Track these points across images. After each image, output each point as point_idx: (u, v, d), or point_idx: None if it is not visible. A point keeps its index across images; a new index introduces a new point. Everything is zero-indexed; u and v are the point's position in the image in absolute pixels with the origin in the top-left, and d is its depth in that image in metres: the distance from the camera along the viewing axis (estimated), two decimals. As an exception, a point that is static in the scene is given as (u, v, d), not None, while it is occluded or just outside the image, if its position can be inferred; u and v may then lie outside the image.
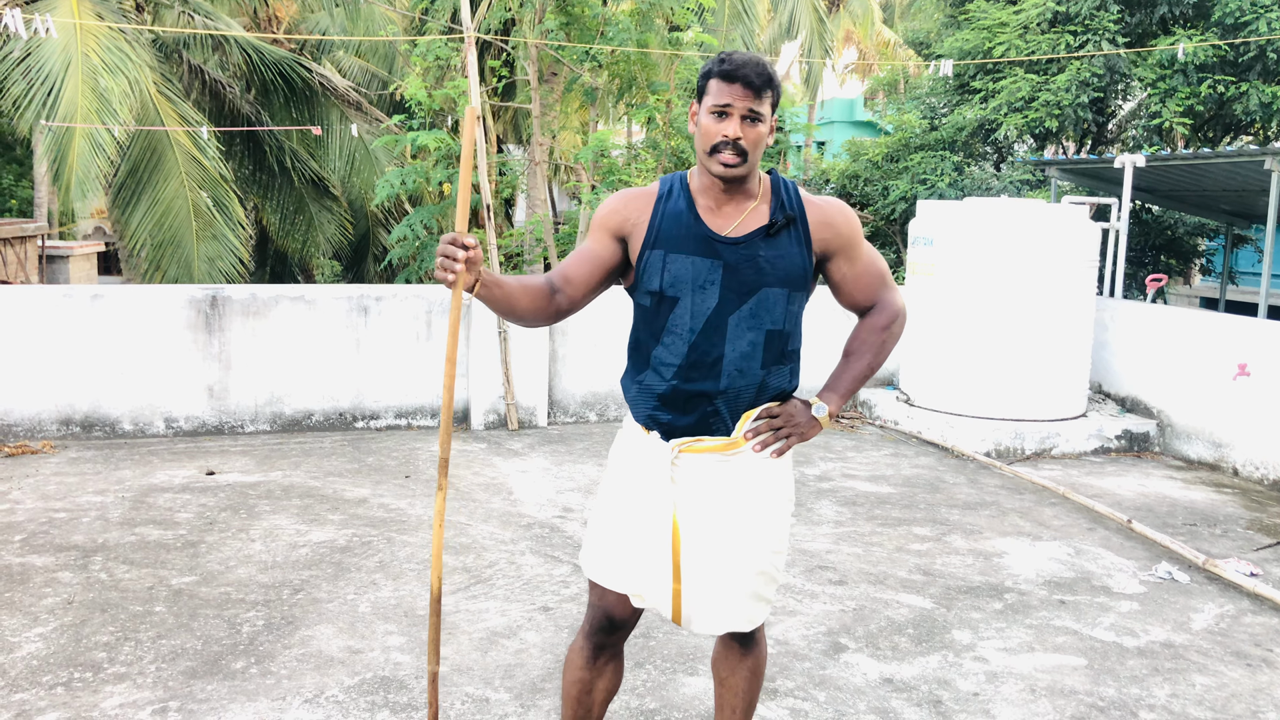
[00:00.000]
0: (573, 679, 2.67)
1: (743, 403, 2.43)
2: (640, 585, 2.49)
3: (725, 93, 2.29)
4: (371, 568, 4.60)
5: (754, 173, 2.40)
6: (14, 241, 16.58)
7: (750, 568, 2.47)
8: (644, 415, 2.48)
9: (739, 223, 2.40)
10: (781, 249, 2.40)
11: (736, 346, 2.39)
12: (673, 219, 2.41)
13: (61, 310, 6.75)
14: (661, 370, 2.42)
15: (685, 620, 2.49)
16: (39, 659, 3.62)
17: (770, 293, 2.39)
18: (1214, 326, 7.11)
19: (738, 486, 2.44)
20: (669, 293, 2.39)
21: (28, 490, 5.65)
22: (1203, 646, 4.07)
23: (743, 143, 2.30)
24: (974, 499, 6.06)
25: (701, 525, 2.43)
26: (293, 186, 13.79)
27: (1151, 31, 10.81)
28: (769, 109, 2.32)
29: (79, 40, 10.32)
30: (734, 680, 2.65)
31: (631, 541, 2.48)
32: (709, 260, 2.37)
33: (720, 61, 2.31)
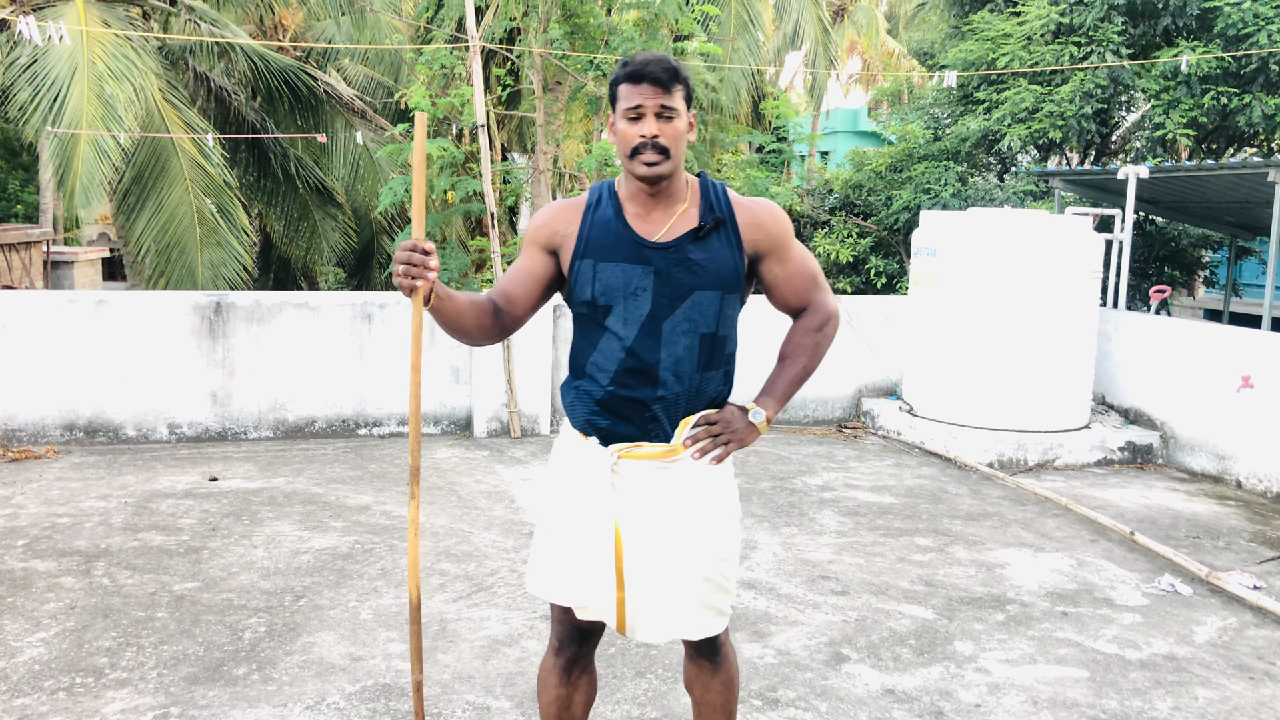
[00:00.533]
0: (550, 698, 2.66)
1: (680, 408, 2.41)
2: (584, 596, 2.47)
3: (635, 94, 2.28)
4: (373, 575, 4.60)
5: (679, 174, 2.39)
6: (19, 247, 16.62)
7: (695, 574, 2.43)
8: (581, 420, 2.46)
9: (668, 227, 2.38)
10: (712, 251, 2.38)
11: (672, 351, 2.37)
12: (601, 227, 2.40)
13: (66, 315, 6.76)
14: (598, 376, 2.41)
15: (630, 629, 2.46)
16: (41, 664, 3.62)
17: (703, 295, 2.37)
18: (1218, 338, 7.10)
19: (679, 493, 2.42)
20: (601, 301, 2.38)
21: (31, 495, 5.66)
22: (1205, 659, 4.06)
23: (661, 140, 2.29)
24: (976, 510, 6.05)
25: (643, 532, 2.41)
26: (297, 193, 13.81)
27: (1155, 43, 10.83)
28: (682, 103, 2.31)
29: (85, 47, 10.36)
30: (709, 697, 2.62)
31: (574, 553, 2.46)
32: (640, 266, 2.36)
33: (624, 65, 2.31)
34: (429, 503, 5.76)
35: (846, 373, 8.49)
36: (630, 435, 2.41)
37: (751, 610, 4.34)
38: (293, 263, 15.26)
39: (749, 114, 17.21)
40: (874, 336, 8.53)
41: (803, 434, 8.05)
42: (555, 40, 9.48)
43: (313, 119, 13.65)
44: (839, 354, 8.44)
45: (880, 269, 10.70)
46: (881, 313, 8.58)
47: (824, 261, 11.10)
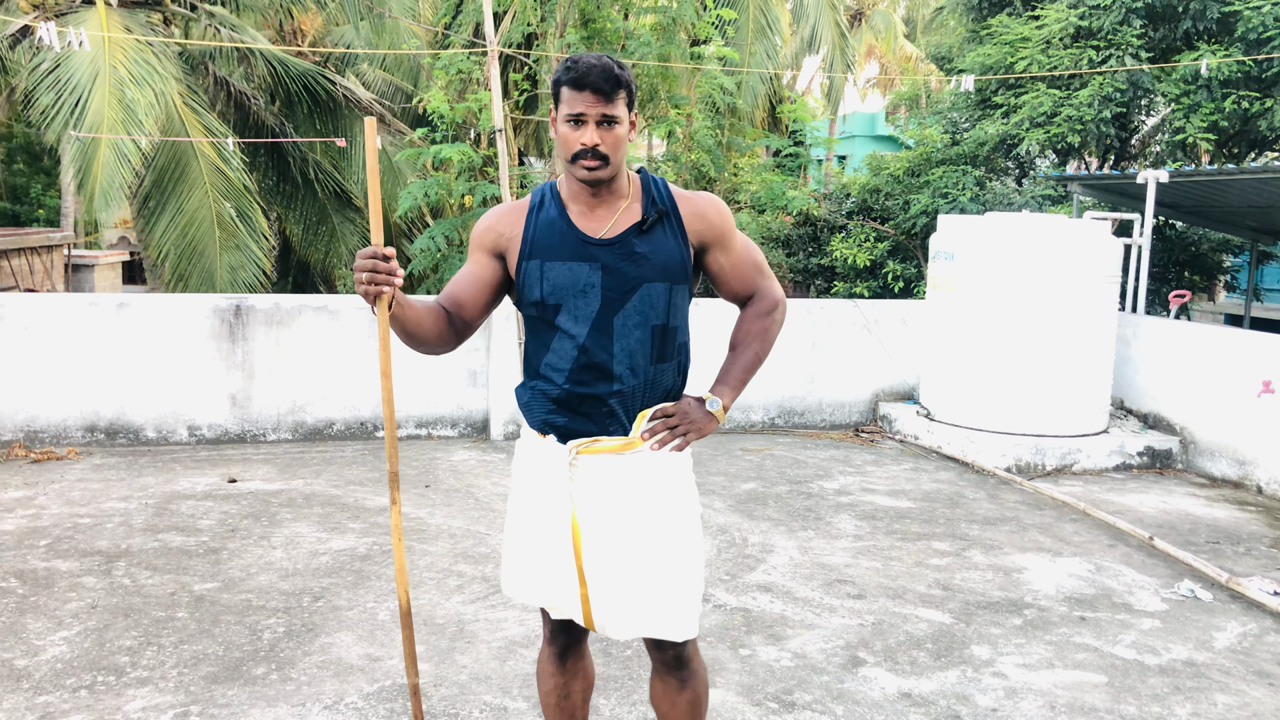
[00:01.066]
0: (548, 688, 2.69)
1: (637, 401, 2.42)
2: (551, 595, 2.49)
3: (577, 101, 2.29)
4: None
5: (621, 173, 2.41)
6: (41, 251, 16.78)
7: (657, 568, 2.43)
8: (539, 420, 2.47)
9: (612, 223, 2.41)
10: (657, 243, 2.40)
11: (624, 345, 2.39)
12: (546, 228, 2.42)
13: (88, 318, 6.82)
14: (553, 376, 2.42)
15: (600, 627, 2.47)
16: (63, 662, 3.65)
17: (651, 288, 2.39)
18: (1238, 343, 7.06)
19: (637, 486, 2.43)
20: (550, 301, 2.39)
21: (53, 496, 5.71)
22: (1225, 665, 4.03)
23: (602, 148, 2.31)
24: (994, 514, 6.03)
25: (602, 526, 2.42)
26: (316, 198, 13.90)
27: (1175, 47, 10.77)
28: (624, 109, 2.33)
29: (107, 52, 10.46)
30: (674, 714, 2.59)
31: (536, 552, 2.49)
32: (586, 264, 2.38)
33: (568, 69, 2.31)
34: (446, 505, 5.78)
35: (863, 377, 8.48)
36: (588, 431, 2.42)
37: (768, 613, 4.34)
38: (311, 266, 15.35)
39: (766, 118, 17.22)
40: (891, 341, 8.51)
41: (819, 438, 8.04)
42: (572, 45, 9.51)
43: (331, 123, 13.73)
44: (856, 358, 8.44)
45: (898, 273, 10.68)
46: (899, 317, 8.56)
47: (842, 266, 11.08)
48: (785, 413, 8.31)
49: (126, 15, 11.78)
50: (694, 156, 10.77)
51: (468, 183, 9.31)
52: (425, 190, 9.39)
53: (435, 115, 9.41)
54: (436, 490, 6.09)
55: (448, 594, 4.43)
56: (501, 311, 7.44)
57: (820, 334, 8.34)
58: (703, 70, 10.62)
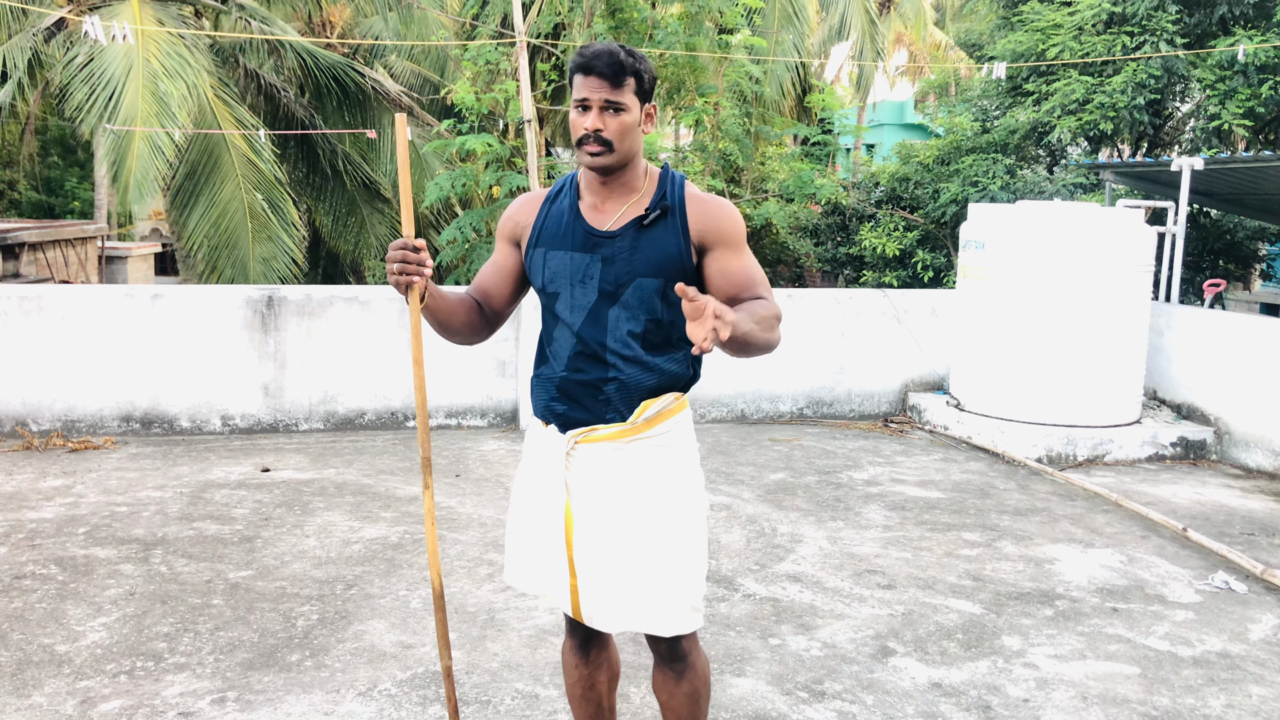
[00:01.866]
0: (574, 679, 2.70)
1: (636, 390, 2.41)
2: (542, 583, 2.50)
3: (583, 86, 2.31)
4: (423, 564, 4.66)
5: (633, 165, 2.40)
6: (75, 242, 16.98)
7: (654, 561, 2.40)
8: (542, 407, 2.51)
9: (618, 217, 2.41)
10: (655, 239, 2.39)
11: (617, 336, 2.39)
12: (555, 218, 2.46)
13: (123, 310, 6.91)
14: (554, 363, 2.46)
15: (588, 618, 2.46)
16: (103, 648, 3.72)
17: (644, 283, 2.38)
18: (1274, 332, 6.97)
19: (633, 475, 2.41)
20: (549, 289, 2.44)
21: (90, 485, 5.80)
22: (1260, 657, 4.00)
23: (605, 134, 2.30)
24: (1025, 505, 6.00)
25: (595, 517, 2.41)
26: (345, 189, 13.98)
27: (1211, 32, 10.62)
28: (632, 97, 2.31)
29: (140, 46, 10.57)
30: (673, 704, 2.58)
31: (531, 540, 2.51)
32: (587, 255, 2.40)
33: (578, 55, 2.33)
34: (476, 494, 5.82)
35: (893, 367, 8.45)
36: (586, 420, 2.43)
37: (797, 603, 4.35)
38: (341, 257, 15.45)
39: (794, 107, 17.13)
40: (921, 330, 8.47)
41: (848, 428, 8.02)
42: (600, 35, 9.51)
43: (360, 115, 13.81)
44: (885, 348, 8.40)
45: (927, 262, 10.61)
46: (929, 306, 8.52)
47: (870, 255, 11.03)
48: (814, 403, 8.29)
49: (159, 8, 11.89)
50: (722, 145, 10.74)
51: (495, 173, 9.34)
52: (453, 181, 9.43)
53: (463, 106, 9.45)
54: (467, 480, 6.13)
55: (478, 582, 4.47)
56: (530, 301, 7.46)
57: (849, 324, 8.31)
58: (730, 59, 10.58)
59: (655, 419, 2.43)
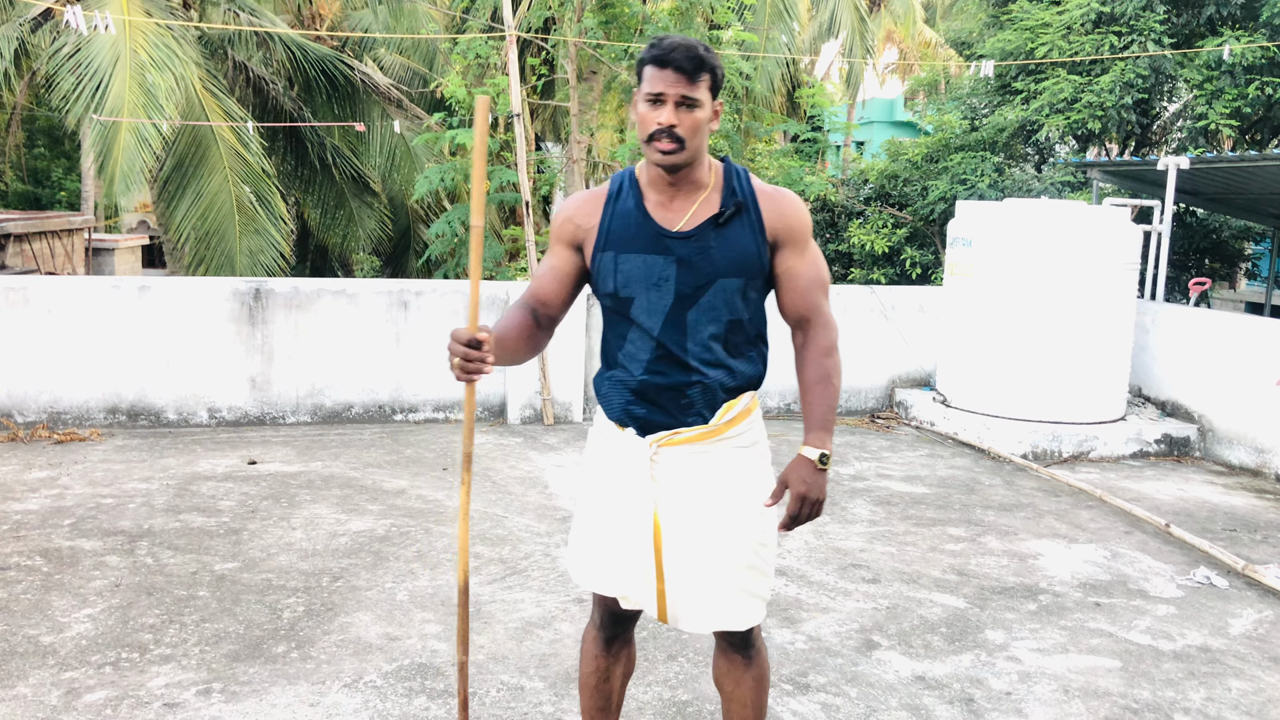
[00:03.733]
0: (591, 669, 2.67)
1: (716, 391, 2.38)
2: (625, 586, 2.46)
3: (658, 79, 2.23)
4: (409, 557, 4.67)
5: (700, 160, 2.35)
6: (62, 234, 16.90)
7: (735, 561, 2.42)
8: (618, 411, 2.44)
9: (689, 215, 2.35)
10: (733, 238, 2.34)
11: (698, 340, 2.35)
12: (622, 219, 2.37)
13: (110, 301, 6.89)
14: (631, 366, 2.40)
15: (673, 620, 2.45)
16: (88, 639, 3.71)
17: (726, 283, 2.34)
18: (1258, 331, 7.02)
19: (717, 477, 2.40)
20: (623, 293, 2.36)
21: (76, 476, 5.78)
22: (1240, 651, 4.04)
23: (679, 130, 2.24)
24: (1010, 500, 6.04)
25: (682, 520, 2.40)
26: (333, 182, 13.95)
27: (1198, 32, 10.67)
28: (706, 93, 2.26)
29: (127, 36, 10.52)
30: (739, 693, 2.57)
31: (613, 543, 2.46)
32: (661, 257, 2.33)
33: (652, 47, 2.25)
34: (463, 488, 5.82)
35: (880, 363, 8.48)
36: (667, 423, 2.39)
37: (783, 597, 4.37)
38: (329, 251, 15.44)
39: (784, 103, 17.16)
40: (908, 327, 8.50)
41: (836, 424, 8.04)
42: (590, 29, 9.51)
43: (349, 108, 13.78)
44: (872, 344, 8.43)
45: (915, 259, 10.64)
46: (916, 303, 8.55)
47: (859, 252, 11.05)
48: (801, 398, 8.30)
49: (146, 0, 11.82)
50: (711, 142, 10.75)
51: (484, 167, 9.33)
52: (442, 175, 9.42)
53: (453, 100, 9.43)
54: (454, 473, 6.13)
55: (465, 575, 4.47)
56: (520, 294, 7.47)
57: (837, 320, 8.32)
58: (721, 55, 10.59)
59: (735, 420, 2.41)
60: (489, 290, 7.55)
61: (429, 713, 3.27)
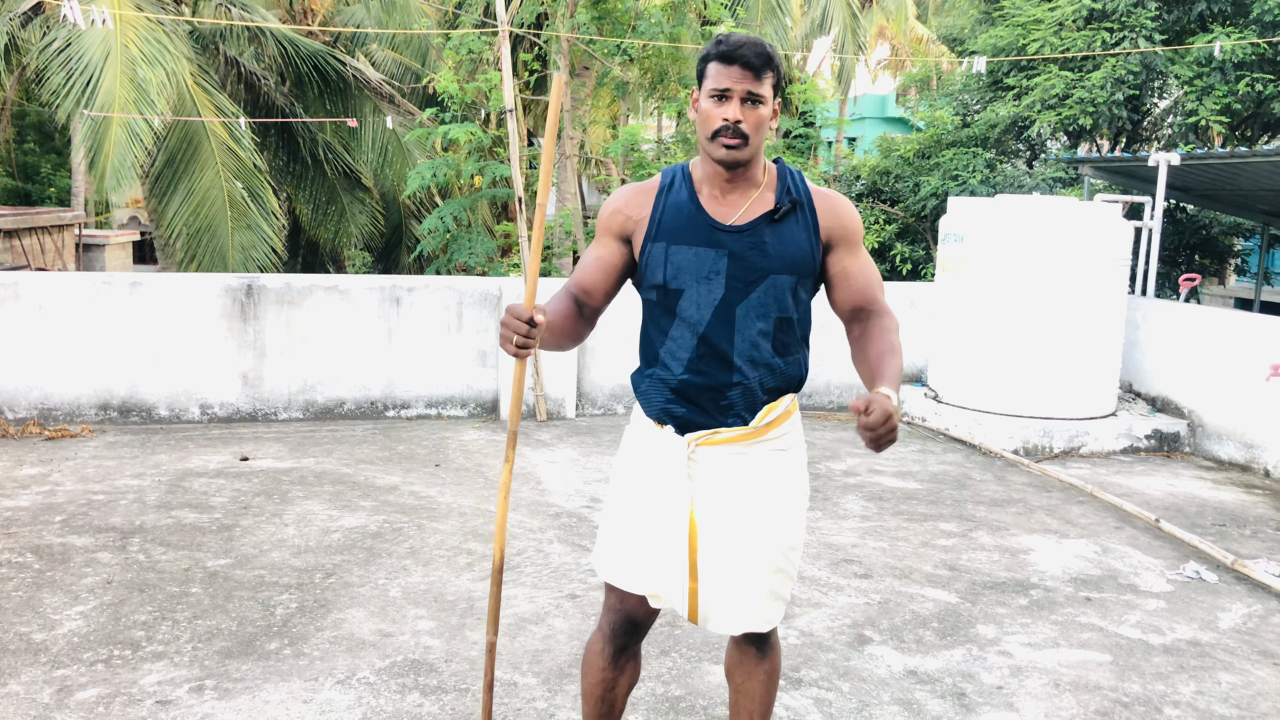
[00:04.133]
0: (596, 680, 2.64)
1: (757, 394, 2.37)
2: (657, 585, 2.44)
3: (724, 75, 2.23)
4: (402, 554, 4.67)
5: (758, 158, 2.35)
6: (52, 230, 16.84)
7: (768, 564, 2.41)
8: (657, 410, 2.42)
9: (743, 210, 2.34)
10: (788, 235, 2.34)
11: (746, 336, 2.34)
12: (674, 210, 2.36)
13: (101, 297, 6.87)
14: (672, 364, 2.38)
15: (702, 620, 2.43)
16: (80, 636, 3.71)
17: (778, 280, 2.34)
18: (1248, 327, 7.05)
19: (755, 479, 2.39)
20: (673, 285, 2.34)
21: (67, 473, 5.77)
22: (1230, 645, 4.06)
23: (743, 126, 2.24)
24: (1001, 496, 6.06)
25: (719, 521, 2.38)
26: (325, 178, 13.91)
27: (1189, 29, 10.71)
28: (770, 90, 2.26)
29: (119, 31, 10.47)
30: (750, 685, 2.57)
31: (647, 541, 2.43)
32: (713, 250, 2.32)
33: (718, 43, 2.25)
34: (456, 484, 5.83)
35: (872, 359, 8.48)
36: (706, 423, 2.37)
37: (775, 592, 4.38)
38: (321, 246, 15.38)
39: (776, 99, 17.14)
40: (900, 323, 8.51)
41: (827, 419, 8.06)
42: (583, 25, 9.50)
43: (341, 103, 13.73)
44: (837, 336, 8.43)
45: (906, 255, 10.67)
46: (908, 299, 8.57)
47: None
48: (793, 394, 8.32)
49: (137, -6, 11.77)
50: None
51: (477, 163, 9.33)
52: (434, 170, 9.41)
53: (445, 95, 9.42)
54: (446, 469, 6.13)
55: (458, 571, 4.48)
56: (513, 291, 7.46)
57: (829, 316, 8.32)
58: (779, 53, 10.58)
59: (775, 422, 2.40)
60: (481, 286, 7.55)
61: (422, 709, 3.28)
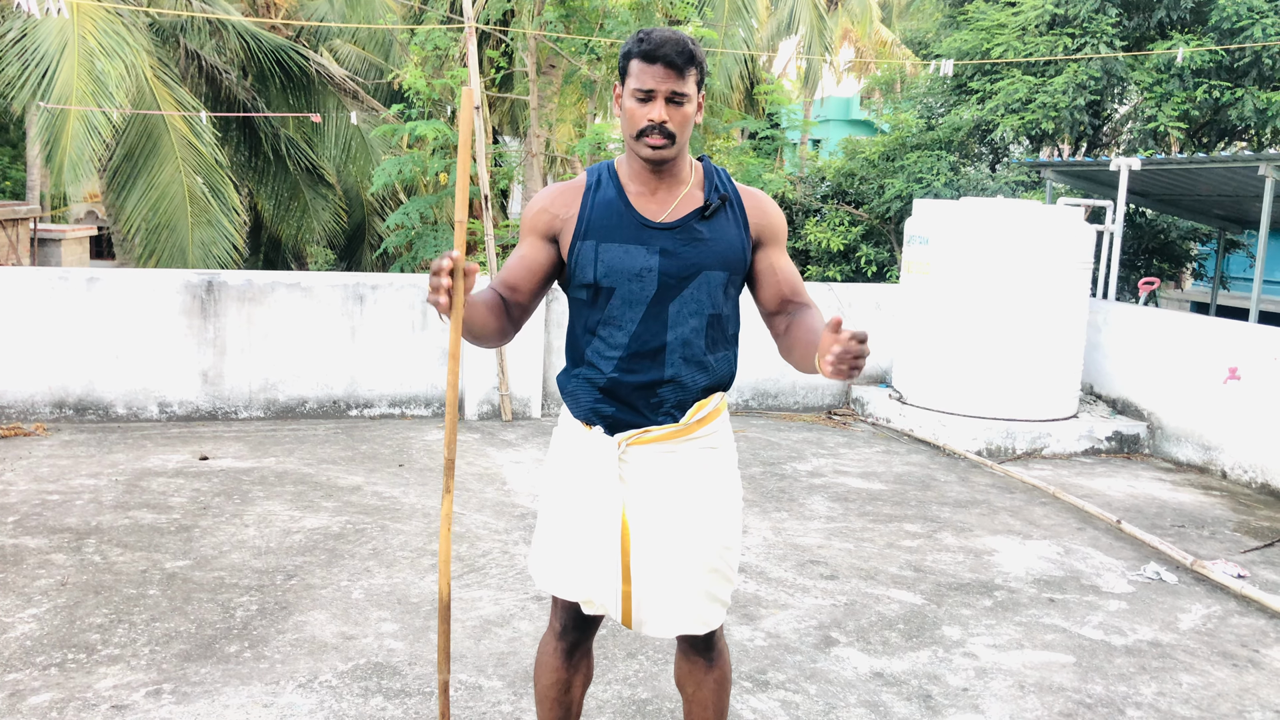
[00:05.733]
0: (550, 681, 2.60)
1: (688, 391, 2.35)
2: (589, 590, 2.40)
3: (647, 75, 2.20)
4: (365, 555, 4.61)
5: (684, 155, 2.34)
6: (6, 224, 16.51)
7: (702, 565, 2.38)
8: (585, 410, 2.38)
9: (673, 207, 2.33)
10: (718, 231, 2.33)
11: (679, 333, 2.31)
12: (603, 208, 2.32)
13: (57, 293, 6.73)
14: (600, 363, 2.34)
15: (636, 624, 2.40)
16: (33, 639, 3.62)
17: (711, 276, 2.32)
18: (1205, 330, 7.15)
19: (686, 478, 2.36)
20: (604, 283, 2.30)
21: (21, 472, 5.65)
22: (1190, 646, 4.10)
23: (669, 125, 2.22)
24: (965, 497, 6.09)
25: (651, 522, 2.35)
26: (288, 173, 13.75)
27: (1149, 35, 10.85)
28: (694, 88, 2.24)
29: (76, 22, 10.28)
30: (702, 694, 2.54)
31: (579, 545, 2.40)
32: (643, 247, 2.30)
33: (639, 41, 2.22)
34: (420, 484, 5.77)
35: (837, 360, 8.51)
36: (636, 422, 2.34)
37: (741, 593, 4.37)
38: (283, 243, 15.22)
39: (742, 100, 17.19)
40: (865, 324, 8.56)
41: (792, 420, 8.08)
42: (550, 23, 9.46)
43: (304, 99, 13.58)
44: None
45: (871, 257, 10.72)
46: (872, 300, 8.60)
47: (815, 249, 11.11)
48: (759, 395, 8.34)
49: (95, -16, 11.57)
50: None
51: (442, 160, 9.25)
52: (400, 167, 9.33)
53: (411, 92, 9.34)
54: (410, 469, 6.07)
55: (422, 573, 4.43)
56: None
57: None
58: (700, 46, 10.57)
59: (705, 419, 2.38)
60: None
61: (385, 713, 3.23)
